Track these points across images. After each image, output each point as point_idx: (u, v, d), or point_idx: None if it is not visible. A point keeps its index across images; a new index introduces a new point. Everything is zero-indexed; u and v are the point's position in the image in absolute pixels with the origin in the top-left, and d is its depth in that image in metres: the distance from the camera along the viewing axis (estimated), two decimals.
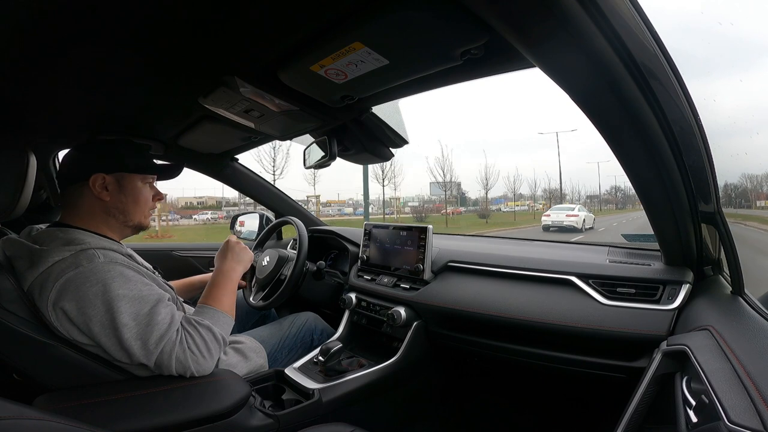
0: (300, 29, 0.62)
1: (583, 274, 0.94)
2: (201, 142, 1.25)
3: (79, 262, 0.71)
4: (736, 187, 1.69)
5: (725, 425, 0.41)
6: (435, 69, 0.69)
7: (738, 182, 1.71)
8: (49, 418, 0.38)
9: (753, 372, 0.47)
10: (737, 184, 1.71)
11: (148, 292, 0.75)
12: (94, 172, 0.80)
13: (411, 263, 1.19)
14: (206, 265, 1.71)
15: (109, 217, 0.83)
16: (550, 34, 0.49)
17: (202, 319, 0.80)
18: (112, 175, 0.82)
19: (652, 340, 0.76)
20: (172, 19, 0.59)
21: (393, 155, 1.16)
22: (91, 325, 0.70)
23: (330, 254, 1.60)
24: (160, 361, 0.73)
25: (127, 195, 0.84)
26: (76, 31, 0.60)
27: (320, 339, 1.19)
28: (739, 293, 0.74)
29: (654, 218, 0.81)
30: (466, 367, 1.32)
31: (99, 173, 0.80)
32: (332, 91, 0.79)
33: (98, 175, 0.80)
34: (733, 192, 1.60)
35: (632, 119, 0.59)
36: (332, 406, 0.93)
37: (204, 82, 0.81)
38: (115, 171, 0.82)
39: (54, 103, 0.91)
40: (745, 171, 1.63)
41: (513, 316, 0.95)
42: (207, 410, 0.71)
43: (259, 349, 1.01)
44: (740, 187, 1.74)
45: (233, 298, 0.91)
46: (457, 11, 0.52)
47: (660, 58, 0.54)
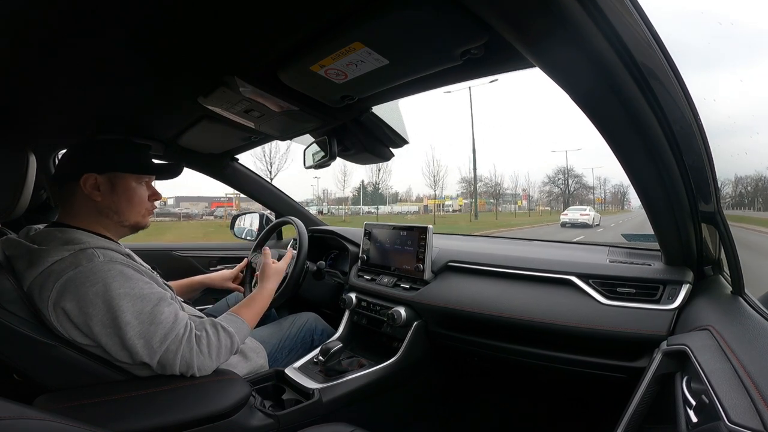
0: (300, 29, 0.62)
1: (583, 274, 0.94)
2: (201, 142, 1.25)
3: (78, 262, 0.71)
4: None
5: (725, 425, 0.41)
6: (435, 69, 0.69)
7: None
8: (49, 418, 0.38)
9: (753, 372, 0.47)
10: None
11: (150, 291, 0.75)
12: (86, 171, 0.79)
13: (411, 263, 1.19)
14: (206, 265, 1.71)
15: (103, 217, 0.82)
16: (549, 33, 0.49)
17: (229, 327, 0.82)
18: (104, 175, 0.81)
19: (652, 340, 0.76)
20: (172, 19, 0.59)
21: (393, 155, 1.16)
22: (92, 324, 0.69)
23: (330, 254, 1.60)
24: (164, 359, 0.72)
25: (120, 195, 0.83)
26: (77, 31, 0.60)
27: (320, 339, 1.19)
28: (739, 293, 0.74)
29: (654, 218, 0.81)
30: (466, 367, 1.32)
31: (91, 173, 0.79)
32: (332, 91, 0.79)
33: (90, 175, 0.79)
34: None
35: (632, 119, 0.59)
36: (332, 406, 0.93)
37: (204, 82, 0.80)
38: (107, 171, 0.81)
39: (54, 103, 0.90)
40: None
41: (513, 316, 0.94)
42: (207, 410, 0.71)
43: (260, 349, 1.01)
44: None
45: (260, 316, 0.96)
46: (457, 11, 0.52)
47: (660, 58, 0.54)
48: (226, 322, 0.83)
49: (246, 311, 0.91)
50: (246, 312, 0.91)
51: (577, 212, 19.01)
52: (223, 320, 0.84)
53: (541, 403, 1.29)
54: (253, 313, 0.92)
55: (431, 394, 1.27)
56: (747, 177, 2.00)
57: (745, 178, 2.03)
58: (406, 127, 1.08)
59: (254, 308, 0.94)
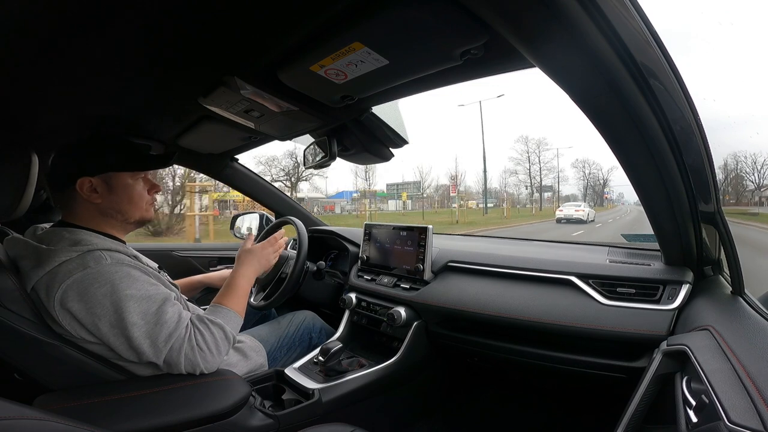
0: (300, 29, 0.62)
1: (583, 274, 0.94)
2: (201, 142, 1.25)
3: (86, 263, 0.71)
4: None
5: (725, 425, 0.41)
6: (435, 69, 0.69)
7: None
8: (49, 418, 0.38)
9: (753, 372, 0.47)
10: None
11: (155, 292, 0.75)
12: (79, 176, 0.78)
13: (411, 263, 1.19)
14: (206, 265, 1.71)
15: (107, 217, 0.82)
16: (549, 33, 0.49)
17: (215, 318, 0.81)
18: (98, 177, 0.79)
19: (652, 340, 0.76)
20: (172, 20, 0.59)
21: (393, 155, 1.16)
22: (100, 325, 0.70)
23: (330, 254, 1.60)
24: (169, 359, 0.73)
25: (119, 194, 0.82)
26: (77, 31, 0.60)
27: (319, 337, 1.19)
28: (739, 293, 0.74)
29: (654, 218, 0.81)
30: (466, 367, 1.32)
31: (85, 177, 0.78)
32: (332, 91, 0.79)
33: (84, 179, 0.78)
34: None
35: (632, 119, 0.59)
36: (332, 406, 0.93)
37: (204, 82, 0.80)
38: (100, 172, 0.80)
39: (54, 104, 0.91)
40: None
41: (513, 316, 0.94)
42: (207, 410, 0.72)
43: (259, 348, 1.01)
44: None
45: (245, 299, 0.92)
46: (457, 11, 0.52)
47: (660, 58, 0.54)
48: (211, 315, 0.82)
49: (226, 299, 0.88)
50: (227, 299, 0.88)
51: (571, 208, 19.57)
52: (208, 313, 0.83)
53: (540, 403, 1.29)
54: (234, 298, 0.89)
55: (431, 394, 1.27)
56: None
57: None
58: (406, 127, 1.08)
59: (233, 294, 0.90)
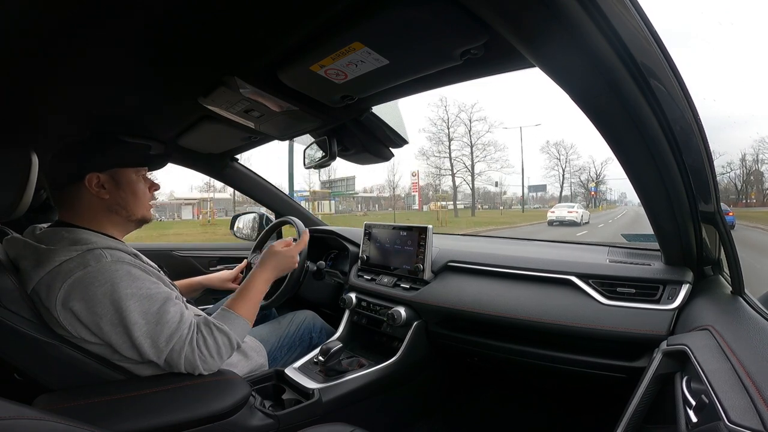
0: (300, 29, 0.62)
1: (583, 274, 0.94)
2: (201, 142, 1.25)
3: (86, 262, 0.71)
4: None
5: (725, 425, 0.41)
6: (435, 69, 0.69)
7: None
8: (49, 418, 0.38)
9: (753, 372, 0.47)
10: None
11: (156, 291, 0.75)
12: (88, 172, 0.79)
13: (411, 263, 1.19)
14: (206, 266, 1.71)
15: (112, 214, 0.82)
16: (549, 33, 0.49)
17: (222, 325, 0.80)
18: (106, 172, 0.81)
19: (652, 340, 0.76)
20: (172, 20, 0.59)
21: (393, 155, 1.16)
22: (102, 324, 0.70)
23: (330, 254, 1.60)
24: (170, 358, 0.73)
25: (126, 190, 0.83)
26: (77, 31, 0.60)
27: (319, 337, 1.19)
28: (739, 293, 0.74)
29: (654, 218, 0.81)
30: (466, 367, 1.32)
31: (94, 173, 0.79)
32: (332, 91, 0.79)
33: (93, 175, 0.79)
34: None
35: (632, 119, 0.59)
36: (332, 406, 0.93)
37: (204, 82, 0.81)
38: (108, 168, 0.81)
39: (55, 104, 0.91)
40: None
41: (513, 316, 0.94)
42: (207, 410, 0.72)
43: (260, 348, 1.01)
44: None
45: (257, 305, 0.91)
46: (457, 11, 0.52)
47: (659, 57, 0.54)
48: (219, 320, 0.81)
49: (239, 304, 0.87)
50: (239, 305, 0.87)
51: (564, 209, 18.18)
52: (217, 318, 0.82)
53: (540, 403, 1.29)
54: (248, 304, 0.88)
55: (431, 394, 1.27)
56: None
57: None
58: (406, 127, 1.08)
59: (247, 299, 0.89)
